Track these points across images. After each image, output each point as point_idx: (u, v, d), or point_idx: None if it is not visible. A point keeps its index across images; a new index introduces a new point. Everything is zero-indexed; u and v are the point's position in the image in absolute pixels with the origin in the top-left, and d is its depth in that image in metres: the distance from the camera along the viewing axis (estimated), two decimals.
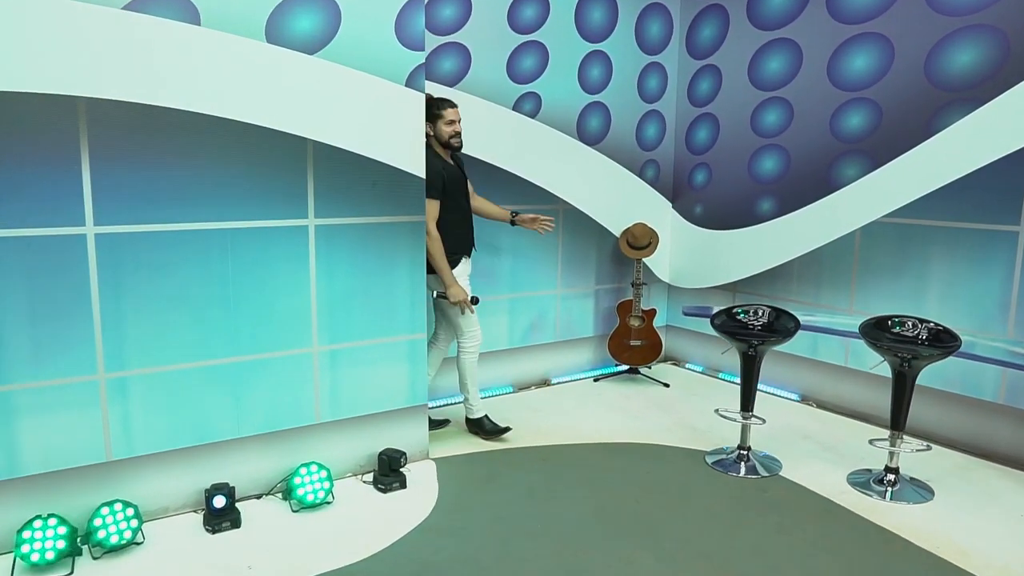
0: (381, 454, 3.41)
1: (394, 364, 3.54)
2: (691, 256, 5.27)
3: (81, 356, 2.83)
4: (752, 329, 3.67)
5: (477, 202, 4.01)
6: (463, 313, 3.82)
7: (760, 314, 3.71)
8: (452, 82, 4.21)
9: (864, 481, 3.46)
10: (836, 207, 4.32)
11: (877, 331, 3.48)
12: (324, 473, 3.22)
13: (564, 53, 4.65)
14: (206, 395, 3.09)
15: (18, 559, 2.67)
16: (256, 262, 3.12)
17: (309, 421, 3.34)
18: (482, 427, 4.02)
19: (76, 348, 2.82)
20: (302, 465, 3.21)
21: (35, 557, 2.67)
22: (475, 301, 3.84)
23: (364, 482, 3.43)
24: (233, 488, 3.07)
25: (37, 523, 2.70)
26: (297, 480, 3.17)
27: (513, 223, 4.07)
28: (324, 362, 3.34)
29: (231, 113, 2.96)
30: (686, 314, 5.19)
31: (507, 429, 4.00)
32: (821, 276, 4.46)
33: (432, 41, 4.12)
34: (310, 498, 3.16)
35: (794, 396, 4.70)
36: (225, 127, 2.95)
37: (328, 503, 3.22)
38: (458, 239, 3.79)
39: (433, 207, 3.61)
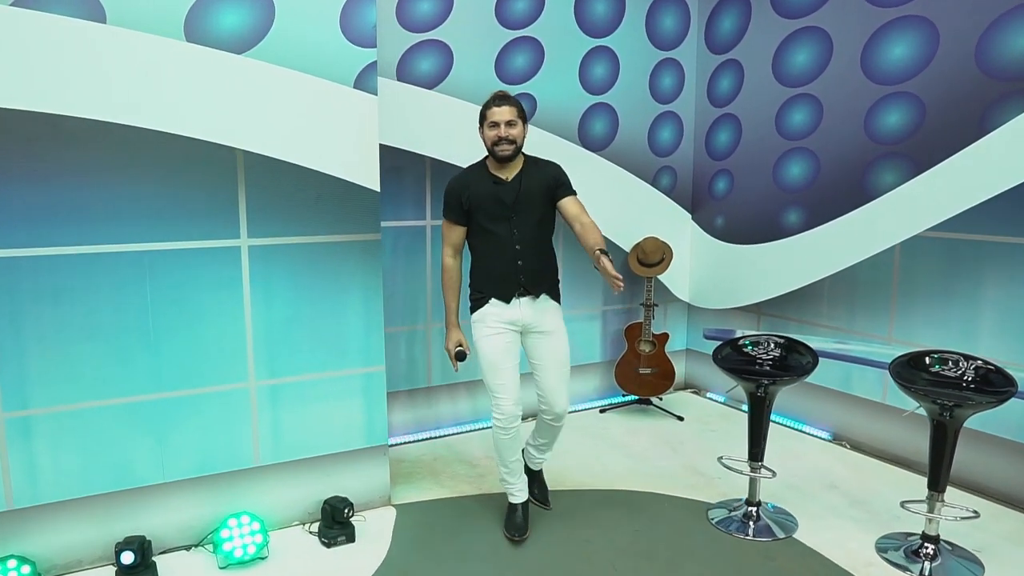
0: (325, 503, 3.02)
1: (347, 401, 3.15)
2: (712, 273, 4.72)
3: None
4: (761, 365, 3.14)
5: (578, 228, 2.85)
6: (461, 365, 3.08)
7: (770, 347, 3.18)
8: (431, 84, 3.82)
9: (897, 548, 2.89)
10: (872, 219, 3.74)
11: (911, 371, 2.90)
12: (257, 525, 2.85)
13: (562, 50, 4.19)
14: (124, 436, 2.76)
15: None
16: (179, 287, 2.78)
17: (246, 464, 2.98)
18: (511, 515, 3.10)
19: None
20: (231, 516, 2.84)
21: None
22: (461, 357, 3.03)
23: (310, 532, 3.05)
24: (148, 541, 2.74)
25: None
26: (225, 533, 2.81)
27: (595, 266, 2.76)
28: (263, 398, 2.97)
29: (145, 121, 2.63)
30: (707, 338, 4.64)
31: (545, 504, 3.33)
32: (855, 298, 3.88)
33: (407, 39, 3.73)
34: (238, 553, 2.80)
35: (825, 434, 4.11)
36: (139, 137, 2.62)
37: (262, 558, 2.85)
38: (488, 274, 2.94)
39: (447, 229, 2.99)
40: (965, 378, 2.81)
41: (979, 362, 2.81)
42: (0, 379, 2.56)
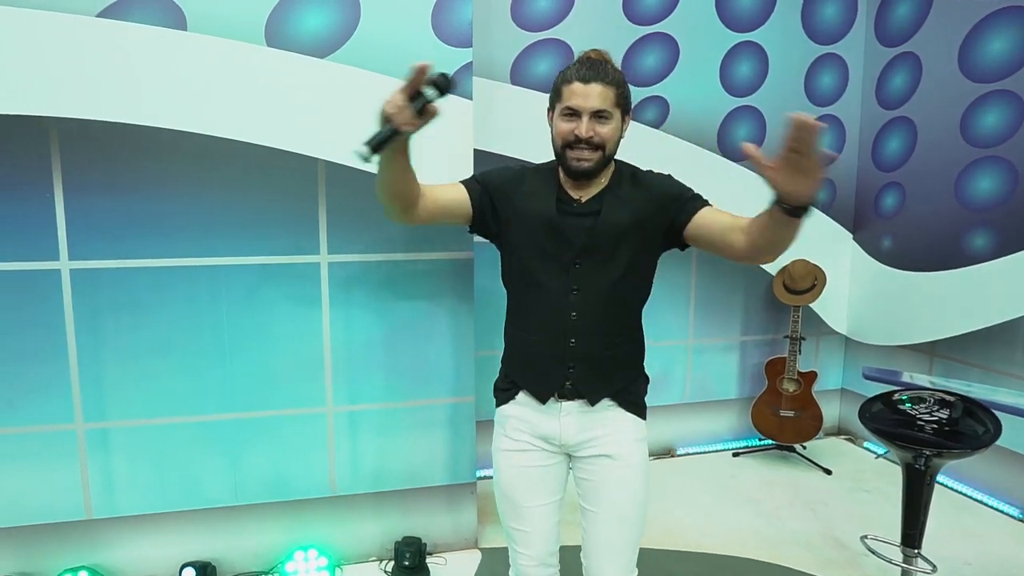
0: (398, 543, 2.79)
1: (432, 432, 2.90)
2: (876, 303, 4.03)
3: (57, 402, 2.54)
4: (923, 429, 2.53)
5: (742, 239, 1.65)
6: None
7: (937, 407, 2.56)
8: (548, 87, 3.50)
9: None
10: None
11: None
12: (324, 560, 2.67)
13: (700, 46, 3.72)
14: (198, 455, 2.68)
15: None
16: (255, 304, 2.65)
17: (321, 493, 2.82)
18: None
19: (52, 393, 2.54)
20: (298, 547, 2.69)
21: None
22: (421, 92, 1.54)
23: (385, 572, 2.84)
24: (213, 567, 2.64)
25: None
26: (290, 566, 2.66)
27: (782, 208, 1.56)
28: (341, 425, 2.79)
29: (223, 131, 2.52)
30: (867, 378, 3.96)
31: None
32: None
33: (522, 39, 3.44)
34: None
35: (1014, 511, 3.34)
36: (218, 147, 2.52)
37: None
38: (521, 349, 1.90)
39: (449, 184, 1.87)
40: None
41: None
42: (81, 390, 2.56)
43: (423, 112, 1.53)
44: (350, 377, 2.78)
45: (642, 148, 3.61)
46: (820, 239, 4.08)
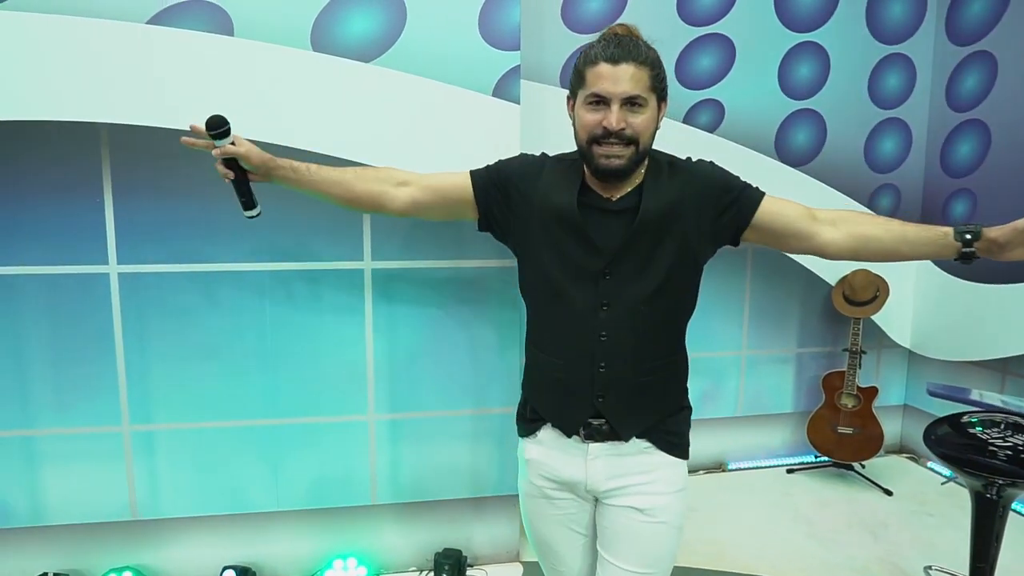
0: (437, 555, 2.75)
1: (477, 443, 2.85)
2: (943, 316, 3.83)
3: (104, 404, 2.57)
4: (995, 456, 2.36)
5: (836, 237, 1.54)
6: None
7: (1013, 431, 2.40)
8: None
9: None
10: None
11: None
12: (363, 570, 2.65)
13: (758, 47, 3.58)
14: (240, 459, 2.68)
15: None
16: (299, 310, 2.64)
17: (362, 501, 2.79)
18: None
19: (99, 395, 2.57)
20: (337, 556, 2.67)
21: None
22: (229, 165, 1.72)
23: None
24: (252, 572, 2.64)
25: None
26: (329, 574, 2.64)
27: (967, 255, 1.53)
28: (383, 433, 2.76)
29: (270, 136, 2.50)
30: (932, 394, 3.79)
31: None
32: None
33: (573, 41, 3.37)
34: None
35: None
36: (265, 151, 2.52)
37: None
38: (543, 373, 1.66)
39: (453, 173, 1.72)
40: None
41: None
42: (128, 393, 2.59)
43: (227, 162, 1.68)
44: (392, 385, 2.75)
45: (695, 153, 3.54)
46: None
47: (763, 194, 1.58)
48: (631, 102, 1.43)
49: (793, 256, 3.76)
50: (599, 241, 1.52)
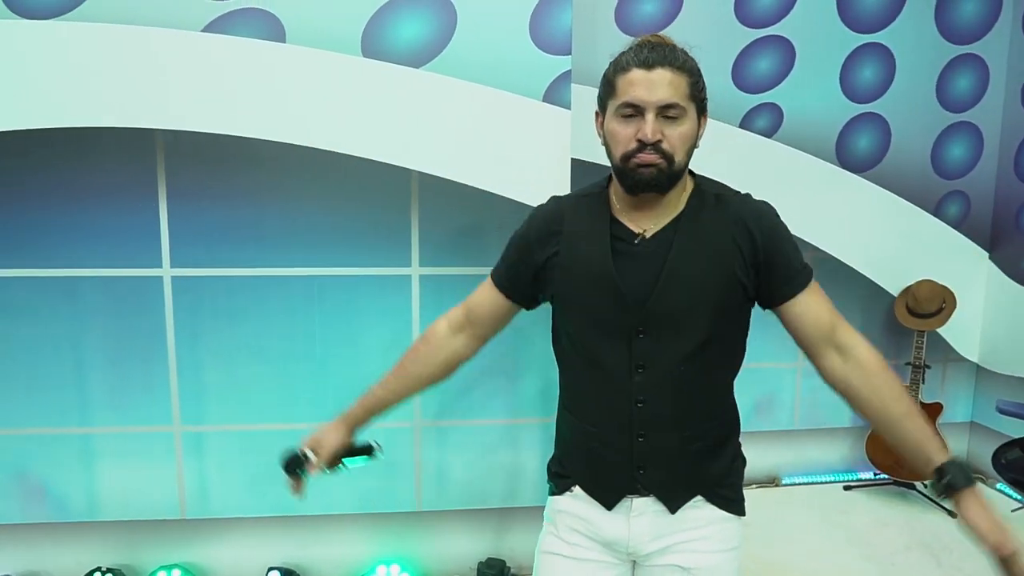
0: (481, 564, 2.72)
1: (523, 451, 2.82)
2: (1014, 329, 3.63)
3: (157, 405, 2.63)
4: None
5: (854, 380, 1.38)
6: None
7: None
8: None
9: None
10: None
11: None
12: None
13: (819, 49, 3.46)
14: None
15: None
16: (348, 315, 2.65)
17: (407, 508, 2.79)
18: None
19: (152, 396, 2.62)
20: (381, 562, 2.67)
21: None
22: (295, 466, 1.69)
23: None
24: (297, 575, 2.66)
25: (97, 575, 2.59)
26: None
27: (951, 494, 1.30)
28: (428, 440, 2.76)
29: (320, 142, 2.52)
30: (1002, 412, 3.59)
31: None
32: None
33: (626, 44, 3.30)
34: None
35: None
36: (314, 158, 2.53)
37: None
38: (576, 439, 1.50)
39: (480, 288, 1.61)
40: None
41: None
42: (179, 394, 2.63)
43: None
44: (439, 391, 2.73)
45: (754, 160, 3.45)
46: (948, 258, 3.72)
47: (808, 281, 1.38)
48: (668, 111, 1.27)
49: (853, 264, 3.63)
50: (630, 293, 1.33)
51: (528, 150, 2.62)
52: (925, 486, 1.14)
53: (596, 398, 1.42)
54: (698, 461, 1.42)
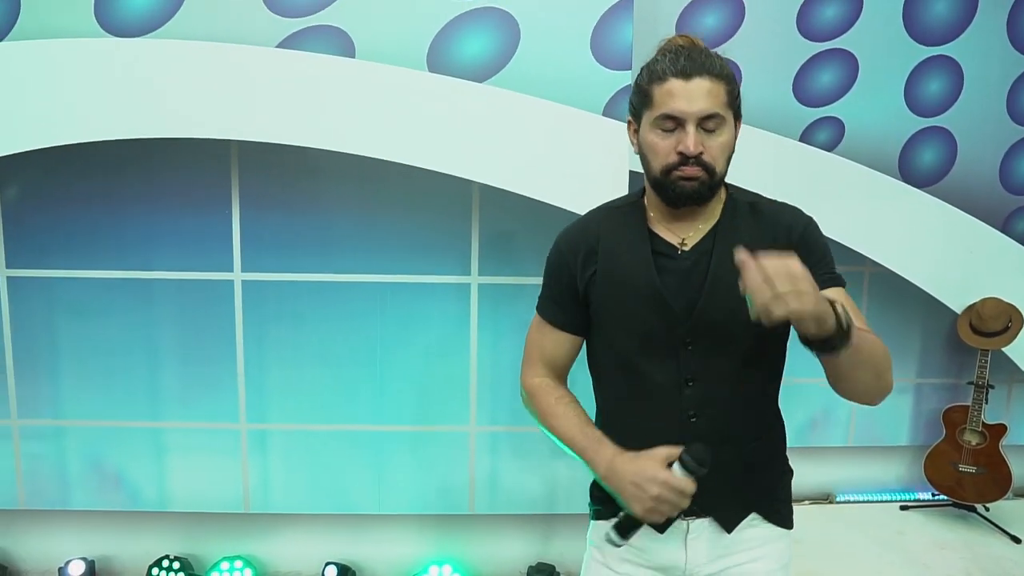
0: (531, 568, 2.77)
1: (573, 459, 2.86)
2: None
3: (224, 403, 2.75)
4: None
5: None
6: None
7: None
8: None
9: None
10: None
11: None
12: None
13: (883, 62, 3.40)
14: (346, 462, 2.81)
15: None
16: (407, 322, 2.74)
17: (460, 510, 2.85)
18: None
19: (220, 394, 2.75)
20: (433, 562, 2.74)
21: None
22: (627, 527, 1.26)
23: None
24: (351, 571, 2.75)
25: (164, 563, 2.74)
26: None
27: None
28: (483, 445, 2.82)
29: (388, 154, 2.60)
30: None
31: None
32: None
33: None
34: None
35: None
36: (381, 169, 2.61)
37: None
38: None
39: (535, 333, 1.52)
40: None
41: None
42: (246, 393, 2.75)
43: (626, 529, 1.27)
44: (494, 397, 2.80)
45: (814, 174, 3.43)
46: (1015, 275, 3.61)
47: (833, 285, 1.33)
48: (707, 122, 1.25)
49: (915, 280, 3.56)
50: (675, 304, 1.31)
51: (587, 163, 2.66)
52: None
53: (644, 417, 1.37)
54: (751, 476, 1.39)
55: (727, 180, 1.39)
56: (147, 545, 2.81)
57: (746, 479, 1.38)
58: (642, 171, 1.39)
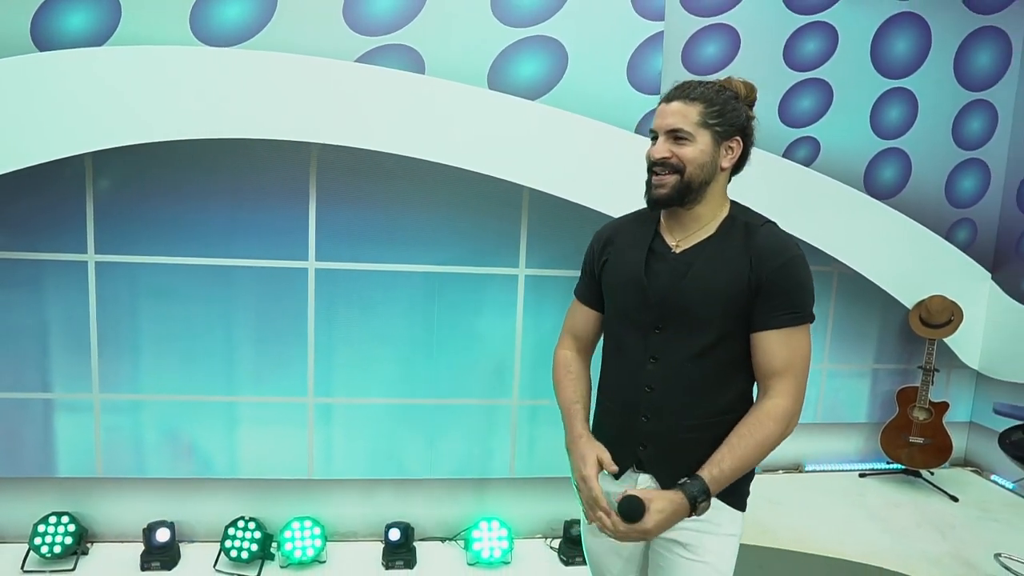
0: (566, 522, 3.18)
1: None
2: (1012, 341, 4.17)
3: (294, 379, 3.05)
4: None
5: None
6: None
7: None
8: None
9: None
10: None
11: None
12: (505, 532, 3.09)
13: (853, 91, 3.98)
14: (401, 432, 3.14)
15: (222, 552, 2.95)
16: (462, 308, 3.10)
17: (502, 474, 3.24)
18: None
19: (291, 371, 3.04)
20: (483, 518, 3.11)
21: (234, 553, 2.93)
22: (629, 511, 1.49)
23: (551, 548, 3.23)
24: (411, 527, 3.09)
25: (240, 523, 2.98)
26: (476, 534, 3.08)
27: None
28: (523, 416, 3.21)
29: (450, 159, 2.97)
30: (998, 413, 4.11)
31: None
32: None
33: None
34: (485, 554, 3.05)
35: None
36: (443, 172, 2.97)
37: (506, 563, 3.08)
38: (602, 412, 1.76)
39: (573, 308, 1.86)
40: None
41: None
42: (315, 370, 3.06)
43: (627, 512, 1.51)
44: (535, 375, 3.19)
45: (794, 186, 3.95)
46: (956, 277, 4.25)
47: (786, 327, 1.52)
48: (675, 135, 1.53)
49: (875, 280, 4.14)
50: (654, 293, 1.57)
51: (620, 172, 3.07)
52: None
53: (617, 381, 1.68)
54: (695, 449, 1.55)
55: (738, 201, 1.67)
56: (218, 508, 3.08)
57: (689, 452, 1.56)
58: None
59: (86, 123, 2.76)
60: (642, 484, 1.61)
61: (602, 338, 1.79)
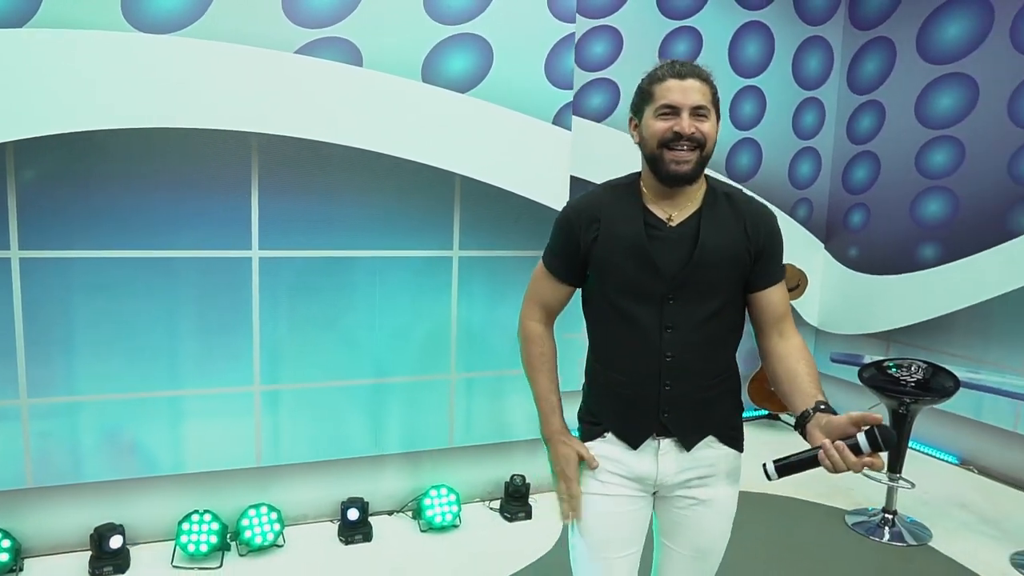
0: (507, 482, 3.45)
1: (530, 395, 3.57)
2: (843, 301, 4.99)
3: (240, 369, 3.07)
4: (905, 386, 3.42)
5: (779, 348, 1.72)
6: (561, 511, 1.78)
7: (915, 370, 3.45)
8: (600, 117, 4.26)
9: None
10: (1013, 256, 3.96)
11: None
12: (453, 497, 3.31)
13: (781, 98, 4.66)
14: (348, 413, 3.26)
15: (177, 548, 2.93)
16: (401, 290, 3.26)
17: (442, 445, 3.45)
18: None
19: (236, 361, 3.06)
20: (432, 487, 3.31)
21: (191, 548, 2.92)
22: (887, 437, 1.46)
23: (491, 508, 3.49)
24: (367, 503, 3.22)
25: (195, 517, 2.96)
26: (427, 501, 3.28)
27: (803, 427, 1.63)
28: (460, 389, 3.43)
29: (386, 148, 3.12)
30: (834, 361, 4.90)
31: None
32: (990, 330, 4.09)
33: (581, 77, 4.17)
34: (438, 520, 3.25)
35: (951, 459, 4.33)
36: (379, 161, 3.12)
37: (455, 526, 3.30)
38: (609, 391, 1.74)
39: (539, 280, 1.83)
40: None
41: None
42: (261, 358, 3.10)
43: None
44: (470, 350, 3.42)
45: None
46: (798, 247, 4.99)
47: (781, 278, 1.71)
48: (698, 111, 1.57)
49: None
50: (663, 267, 1.62)
51: (540, 160, 3.39)
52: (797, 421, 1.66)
53: (630, 354, 1.68)
54: (711, 406, 1.70)
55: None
56: (167, 506, 3.03)
57: (706, 410, 1.69)
58: (580, 176, 1.99)
59: (1, 111, 2.63)
60: (664, 449, 1.68)
61: (588, 313, 1.78)
